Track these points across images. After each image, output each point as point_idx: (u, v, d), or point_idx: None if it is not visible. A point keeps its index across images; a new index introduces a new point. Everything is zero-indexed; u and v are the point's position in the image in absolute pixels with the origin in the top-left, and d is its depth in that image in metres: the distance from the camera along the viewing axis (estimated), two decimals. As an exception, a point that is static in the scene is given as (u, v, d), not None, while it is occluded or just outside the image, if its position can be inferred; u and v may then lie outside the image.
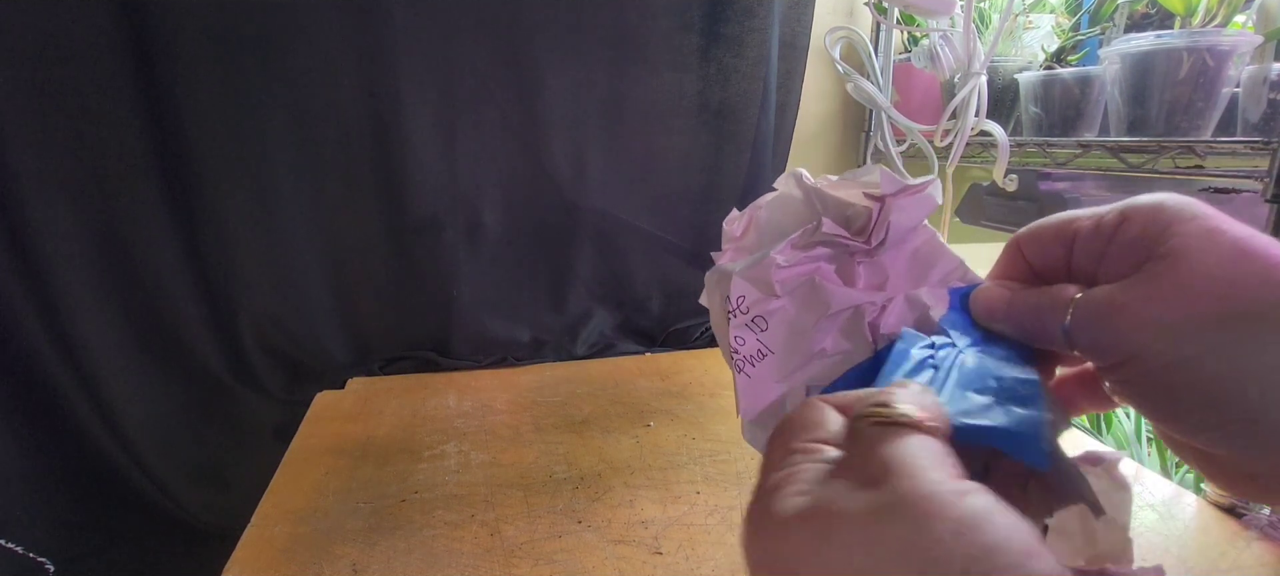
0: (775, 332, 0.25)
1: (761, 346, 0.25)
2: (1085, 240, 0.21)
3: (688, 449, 0.65)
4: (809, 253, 0.26)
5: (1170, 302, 0.18)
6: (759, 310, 0.25)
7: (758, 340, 0.25)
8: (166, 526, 0.83)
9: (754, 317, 0.25)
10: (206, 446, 0.84)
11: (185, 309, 0.81)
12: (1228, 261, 0.18)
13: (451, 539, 0.52)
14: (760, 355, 0.25)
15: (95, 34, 0.70)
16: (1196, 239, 0.18)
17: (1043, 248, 0.23)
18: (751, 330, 0.25)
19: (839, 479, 0.16)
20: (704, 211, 0.96)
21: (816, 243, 0.26)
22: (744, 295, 0.26)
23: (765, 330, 0.25)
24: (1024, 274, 0.24)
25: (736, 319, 0.26)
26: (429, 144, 0.83)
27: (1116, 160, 0.64)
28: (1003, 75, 0.80)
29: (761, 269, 0.25)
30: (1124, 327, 0.19)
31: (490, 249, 0.90)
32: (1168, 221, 0.19)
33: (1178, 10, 0.62)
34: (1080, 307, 0.20)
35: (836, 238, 0.25)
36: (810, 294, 0.25)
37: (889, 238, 0.25)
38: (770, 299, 0.25)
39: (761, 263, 0.26)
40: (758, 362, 0.25)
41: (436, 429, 0.70)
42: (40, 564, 0.74)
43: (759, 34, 0.88)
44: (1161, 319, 0.18)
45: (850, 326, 0.25)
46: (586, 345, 0.96)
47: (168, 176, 0.77)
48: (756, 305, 0.25)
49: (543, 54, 0.83)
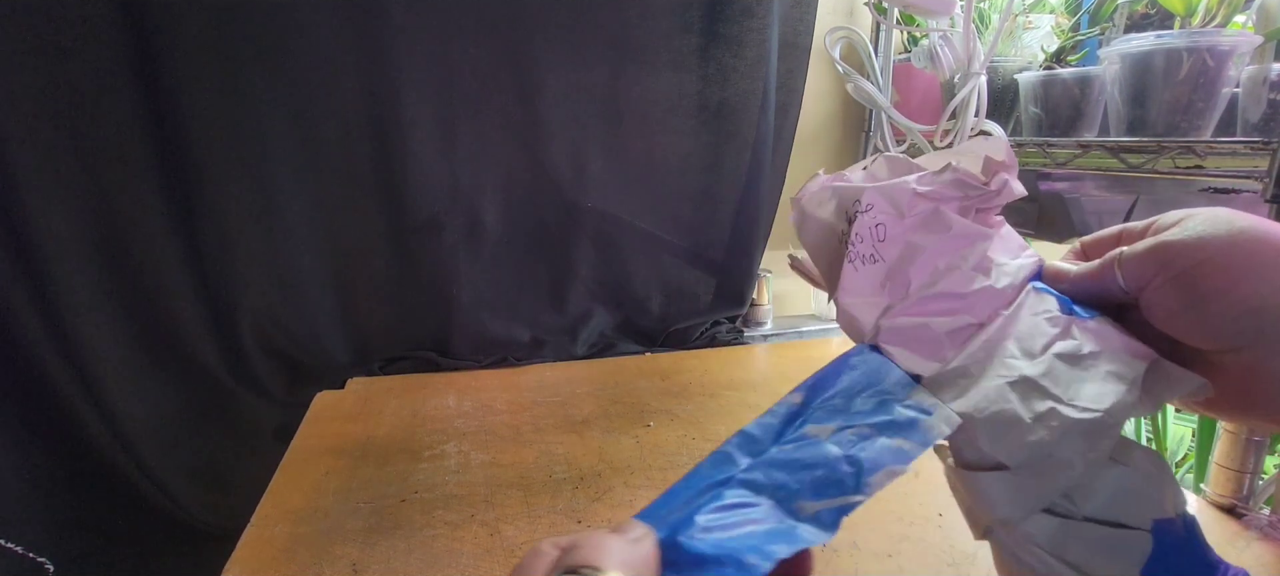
0: (891, 246, 0.27)
1: (876, 251, 0.27)
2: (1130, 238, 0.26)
3: (688, 449, 0.65)
4: (939, 188, 0.27)
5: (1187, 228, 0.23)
6: (884, 219, 0.27)
7: (874, 245, 0.27)
8: (166, 526, 0.83)
9: (877, 223, 0.27)
10: (206, 446, 0.84)
11: (185, 309, 0.81)
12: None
13: (451, 539, 0.52)
14: (872, 259, 0.27)
15: (94, 33, 0.70)
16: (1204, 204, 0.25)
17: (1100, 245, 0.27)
18: (873, 234, 0.27)
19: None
20: (704, 211, 0.96)
21: (948, 180, 0.27)
22: (874, 204, 0.27)
23: (883, 240, 0.27)
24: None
25: (863, 216, 0.28)
26: (429, 143, 0.83)
27: (1116, 160, 0.64)
28: (1002, 75, 0.80)
29: (898, 189, 0.27)
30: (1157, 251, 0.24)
31: (490, 249, 0.90)
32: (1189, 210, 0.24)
33: (1177, 10, 0.62)
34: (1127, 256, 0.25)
35: (966, 180, 0.27)
36: (932, 218, 0.27)
37: (1003, 194, 0.27)
38: (898, 216, 0.27)
39: (898, 184, 0.27)
40: (867, 264, 0.27)
41: (436, 429, 0.70)
42: (40, 564, 0.74)
43: (758, 34, 0.88)
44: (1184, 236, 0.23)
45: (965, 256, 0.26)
46: (586, 345, 0.96)
47: (168, 176, 0.77)
48: (884, 214, 0.27)
49: (543, 54, 0.83)
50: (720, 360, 0.91)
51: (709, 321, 1.00)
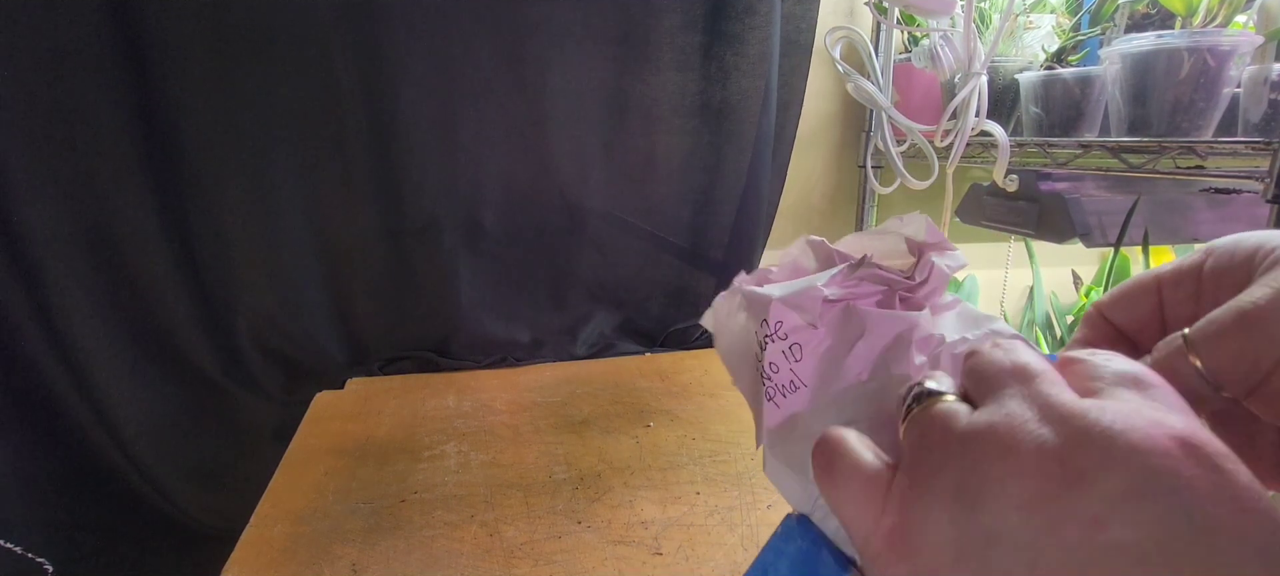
0: (808, 364, 0.24)
1: (794, 377, 0.24)
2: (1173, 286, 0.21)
3: (688, 449, 0.65)
4: (855, 286, 0.24)
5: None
6: (797, 338, 0.24)
7: (791, 370, 0.24)
8: (165, 527, 0.83)
9: (792, 345, 0.24)
10: (204, 448, 0.84)
11: (182, 310, 0.80)
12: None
13: (451, 539, 0.52)
14: (793, 386, 0.24)
15: (88, 33, 0.69)
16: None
17: (1132, 305, 0.22)
18: (787, 358, 0.24)
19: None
20: (705, 211, 0.96)
21: (862, 277, 0.25)
22: (783, 321, 0.24)
23: (799, 360, 0.24)
24: (1112, 339, 0.22)
25: (773, 344, 0.24)
26: (428, 143, 0.83)
27: (1117, 160, 0.64)
28: (1003, 75, 0.80)
29: (807, 296, 0.24)
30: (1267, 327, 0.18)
31: (490, 249, 0.90)
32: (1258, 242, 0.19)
33: (1178, 10, 0.62)
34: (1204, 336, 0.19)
35: (882, 271, 0.24)
36: (845, 319, 0.24)
37: (932, 279, 0.24)
38: (808, 328, 0.24)
39: (807, 290, 0.24)
40: (789, 393, 0.24)
41: (436, 429, 0.70)
42: (39, 564, 0.74)
43: (761, 32, 0.88)
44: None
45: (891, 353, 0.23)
46: (586, 345, 0.96)
47: (163, 177, 0.76)
48: (795, 332, 0.24)
49: (543, 53, 0.83)
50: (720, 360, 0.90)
51: (709, 321, 1.00)
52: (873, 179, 0.97)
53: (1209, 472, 0.13)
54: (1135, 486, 0.13)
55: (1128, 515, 0.12)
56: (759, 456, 0.21)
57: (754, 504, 0.56)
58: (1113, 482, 0.13)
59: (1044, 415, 0.15)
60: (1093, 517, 0.13)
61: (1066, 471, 0.13)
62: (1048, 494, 0.13)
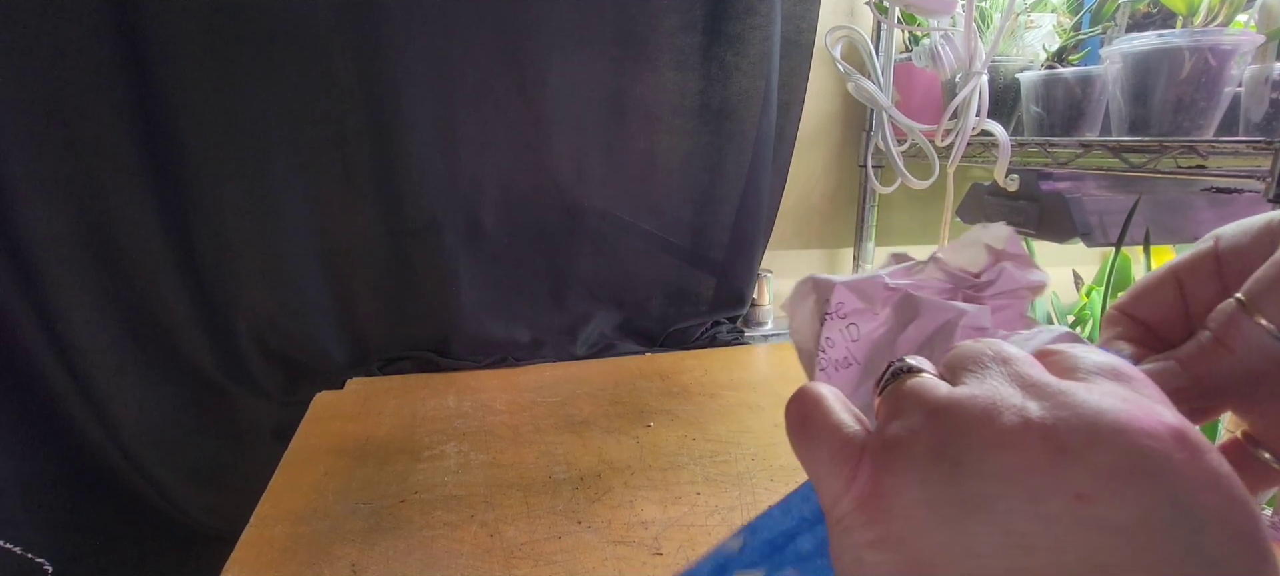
0: (863, 344, 0.25)
1: (849, 354, 0.25)
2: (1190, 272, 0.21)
3: (688, 449, 0.65)
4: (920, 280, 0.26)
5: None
6: (855, 318, 0.25)
7: (847, 347, 0.25)
8: (165, 527, 0.83)
9: (850, 325, 0.25)
10: (204, 448, 0.84)
11: (182, 310, 0.80)
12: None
13: (451, 539, 0.52)
14: (846, 363, 0.25)
15: (88, 33, 0.69)
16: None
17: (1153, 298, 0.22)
18: (844, 336, 0.25)
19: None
20: (705, 211, 0.96)
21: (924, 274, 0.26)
22: (844, 302, 0.26)
23: (856, 340, 0.25)
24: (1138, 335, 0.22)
25: (831, 321, 0.26)
26: (428, 143, 0.83)
27: (1118, 160, 0.64)
28: (1004, 75, 0.79)
29: (870, 282, 0.26)
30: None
31: (490, 249, 0.90)
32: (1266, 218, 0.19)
33: (1180, 10, 0.61)
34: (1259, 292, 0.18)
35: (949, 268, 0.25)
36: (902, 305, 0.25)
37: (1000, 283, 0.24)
38: (869, 312, 0.25)
39: (872, 277, 0.26)
40: (841, 369, 0.25)
41: (436, 429, 0.70)
42: (39, 564, 0.74)
43: (761, 32, 0.88)
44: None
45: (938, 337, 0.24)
46: (586, 345, 0.96)
47: (163, 177, 0.76)
48: (854, 314, 0.25)
49: (543, 52, 0.83)
50: (720, 360, 0.90)
51: (709, 321, 1.00)
52: (873, 179, 0.97)
53: (1195, 458, 0.13)
54: (1123, 464, 0.13)
55: (1115, 491, 0.12)
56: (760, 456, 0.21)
57: (755, 504, 0.56)
58: (1100, 459, 0.13)
59: (1028, 391, 0.15)
60: (1078, 492, 0.13)
61: (1051, 445, 0.13)
62: (1031, 465, 0.13)
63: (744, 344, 1.00)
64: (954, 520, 0.14)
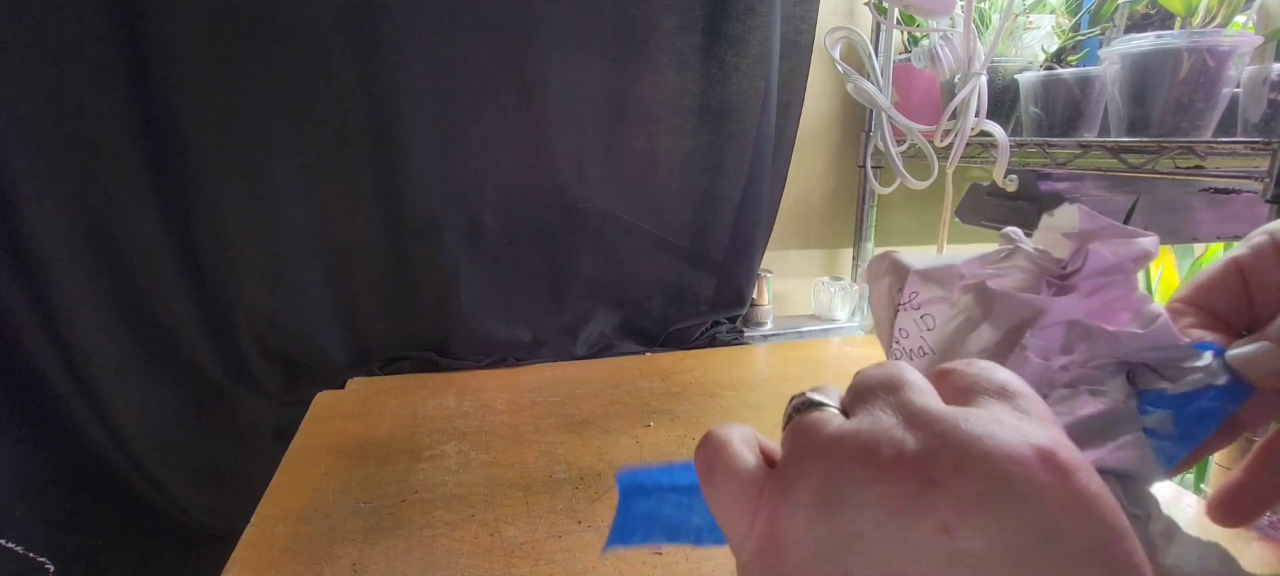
0: (937, 334, 0.25)
1: (923, 343, 0.25)
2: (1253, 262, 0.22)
3: (688, 449, 0.65)
4: (996, 269, 0.25)
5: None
6: (929, 308, 0.25)
7: (921, 337, 0.25)
8: (165, 527, 0.83)
9: (924, 315, 0.25)
10: (205, 448, 0.84)
11: (183, 310, 0.80)
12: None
13: (451, 539, 0.52)
14: (921, 353, 0.25)
15: (88, 33, 0.69)
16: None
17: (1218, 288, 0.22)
18: (918, 326, 0.25)
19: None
20: (705, 211, 0.96)
21: (1007, 263, 0.25)
22: (917, 292, 0.25)
23: (931, 329, 0.25)
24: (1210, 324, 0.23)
25: (906, 311, 0.26)
26: (428, 143, 0.83)
27: (1117, 160, 0.64)
28: (1003, 75, 0.80)
29: (945, 271, 0.25)
30: None
31: (490, 249, 0.90)
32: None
33: (1178, 10, 0.62)
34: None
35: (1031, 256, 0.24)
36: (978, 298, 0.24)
37: (1089, 265, 0.23)
38: (945, 300, 0.25)
39: (947, 266, 0.25)
40: (915, 359, 0.26)
41: (436, 429, 0.70)
42: (40, 563, 0.74)
43: (761, 32, 0.88)
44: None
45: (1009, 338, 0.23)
46: (586, 345, 0.96)
47: (164, 176, 0.76)
48: (928, 303, 0.25)
49: (544, 53, 0.83)
50: (720, 360, 0.90)
51: (709, 321, 1.00)
52: (873, 179, 0.97)
53: (1061, 480, 0.13)
54: (985, 493, 0.13)
55: (976, 522, 0.13)
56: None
57: (754, 503, 0.56)
58: (966, 488, 0.13)
59: (907, 421, 0.15)
60: (943, 524, 0.13)
61: (921, 477, 0.13)
62: (903, 498, 0.13)
63: (744, 344, 1.00)
64: (834, 558, 0.14)
